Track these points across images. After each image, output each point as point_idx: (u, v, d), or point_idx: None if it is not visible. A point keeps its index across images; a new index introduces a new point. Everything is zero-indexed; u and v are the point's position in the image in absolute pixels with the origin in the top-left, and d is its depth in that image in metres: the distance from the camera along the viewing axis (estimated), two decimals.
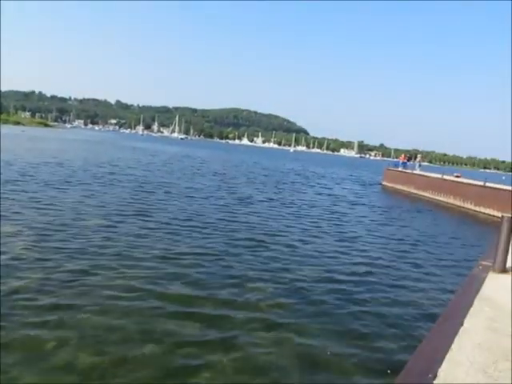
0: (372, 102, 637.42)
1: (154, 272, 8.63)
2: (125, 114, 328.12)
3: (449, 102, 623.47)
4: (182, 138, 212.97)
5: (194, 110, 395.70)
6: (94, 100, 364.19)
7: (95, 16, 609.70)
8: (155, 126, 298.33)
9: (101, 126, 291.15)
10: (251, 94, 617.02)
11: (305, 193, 27.37)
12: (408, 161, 43.03)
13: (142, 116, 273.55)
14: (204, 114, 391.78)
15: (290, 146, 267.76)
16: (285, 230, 14.37)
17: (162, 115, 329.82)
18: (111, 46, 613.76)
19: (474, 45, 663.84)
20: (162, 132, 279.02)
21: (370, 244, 13.64)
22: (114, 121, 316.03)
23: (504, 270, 5.29)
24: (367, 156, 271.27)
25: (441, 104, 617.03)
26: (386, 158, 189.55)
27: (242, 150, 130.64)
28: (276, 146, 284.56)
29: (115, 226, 12.22)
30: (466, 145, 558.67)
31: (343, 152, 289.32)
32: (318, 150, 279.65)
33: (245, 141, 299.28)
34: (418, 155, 43.84)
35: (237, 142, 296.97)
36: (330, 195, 27.69)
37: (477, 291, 4.39)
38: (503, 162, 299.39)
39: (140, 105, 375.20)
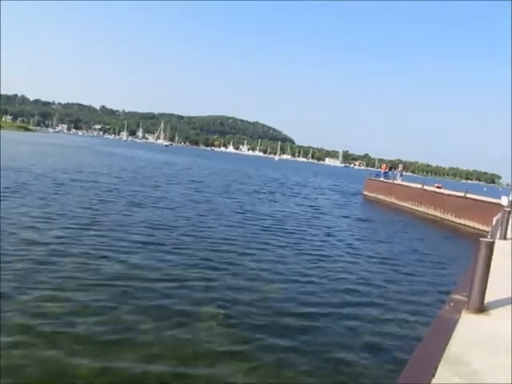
0: (357, 111, 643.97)
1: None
2: (110, 120, 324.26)
3: (433, 113, 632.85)
4: (166, 145, 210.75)
5: (180, 117, 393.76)
6: (78, 105, 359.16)
7: (81, 19, 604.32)
8: (140, 133, 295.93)
9: (84, 131, 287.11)
10: (237, 102, 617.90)
11: (284, 203, 26.09)
12: (389, 170, 42.33)
13: (126, 122, 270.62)
14: (190, 120, 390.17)
15: (275, 154, 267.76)
16: (254, 247, 12.97)
17: (147, 121, 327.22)
18: (97, 50, 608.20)
19: (460, 55, 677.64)
20: (147, 138, 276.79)
21: (337, 263, 12.46)
22: (98, 126, 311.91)
23: (481, 310, 4.10)
24: (352, 165, 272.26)
25: (425, 116, 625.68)
26: (370, 168, 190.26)
27: (226, 158, 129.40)
28: (261, 154, 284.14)
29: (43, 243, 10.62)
30: (448, 156, 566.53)
31: (328, 161, 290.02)
32: (303, 159, 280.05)
33: (230, 148, 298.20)
34: (399, 165, 43.03)
35: (222, 149, 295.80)
36: (310, 206, 26.48)
37: (443, 347, 3.19)
38: (485, 173, 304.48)
39: (126, 111, 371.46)
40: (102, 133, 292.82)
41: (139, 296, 7.75)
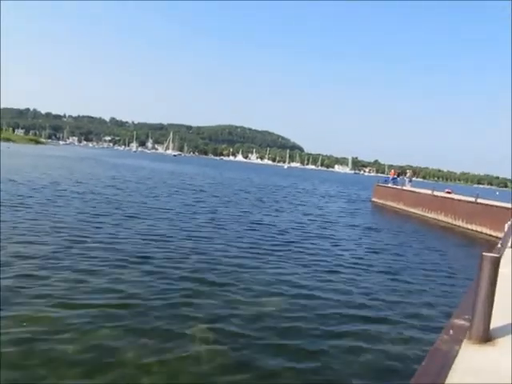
0: (365, 117, 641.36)
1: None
2: (119, 131, 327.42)
3: (443, 118, 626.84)
4: (175, 155, 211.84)
5: (189, 127, 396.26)
6: (88, 117, 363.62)
7: (90, 33, 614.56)
8: (149, 143, 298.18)
9: (95, 143, 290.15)
10: (246, 111, 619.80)
11: (289, 212, 25.20)
12: (398, 176, 41.40)
13: (135, 133, 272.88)
14: (199, 130, 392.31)
15: (284, 162, 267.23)
16: (254, 259, 12.26)
17: (156, 132, 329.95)
18: (106, 63, 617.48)
19: (468, 57, 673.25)
20: (156, 149, 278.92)
21: (341, 275, 11.76)
22: (108, 138, 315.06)
23: (485, 339, 3.40)
24: (361, 172, 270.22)
25: (435, 120, 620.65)
26: (379, 174, 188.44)
27: (234, 167, 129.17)
28: (270, 162, 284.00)
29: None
30: (460, 161, 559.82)
31: (337, 168, 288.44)
32: (313, 167, 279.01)
33: (239, 157, 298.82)
34: (408, 170, 41.99)
35: (231, 158, 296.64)
36: (317, 215, 25.35)
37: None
38: (497, 177, 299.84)
39: (135, 122, 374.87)
40: (112, 144, 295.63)
41: (122, 315, 7.19)
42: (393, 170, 44.13)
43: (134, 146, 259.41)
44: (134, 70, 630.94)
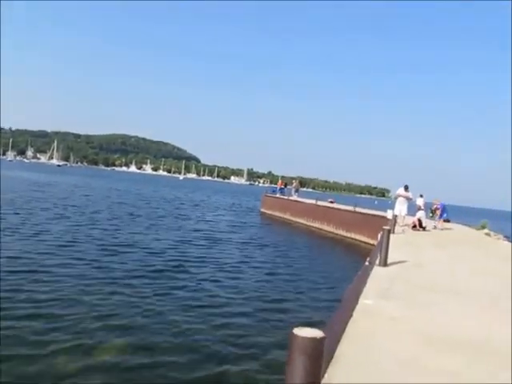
0: (261, 129, 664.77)
1: None
2: None
3: (330, 131, 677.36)
4: (59, 165, 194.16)
5: (77, 136, 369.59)
6: None
7: None
8: (30, 152, 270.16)
9: None
10: (140, 120, 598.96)
11: (169, 230, 22.19)
12: (285, 186, 41.86)
13: (11, 140, 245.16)
14: (88, 139, 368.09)
15: (180, 173, 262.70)
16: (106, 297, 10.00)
17: (38, 140, 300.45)
18: None
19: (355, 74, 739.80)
20: (38, 158, 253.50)
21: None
22: None
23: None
24: (256, 183, 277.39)
25: (323, 133, 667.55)
26: (273, 185, 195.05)
27: (126, 178, 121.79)
28: (166, 173, 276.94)
29: None
30: (344, 172, 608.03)
31: (233, 179, 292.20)
32: (209, 178, 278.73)
33: (133, 168, 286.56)
34: (294, 181, 42.67)
35: (124, 169, 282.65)
36: (202, 231, 22.91)
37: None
38: (375, 187, 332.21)
39: (13, 128, 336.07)
40: None
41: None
42: (280, 181, 44.63)
43: (9, 154, 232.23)
44: (11, 68, 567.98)
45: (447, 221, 20.26)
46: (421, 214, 18.12)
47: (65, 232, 17.32)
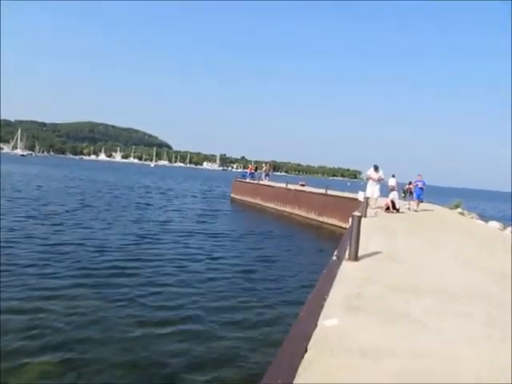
0: (233, 114, 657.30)
1: None
2: None
3: (303, 114, 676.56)
4: (23, 155, 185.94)
5: (43, 124, 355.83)
6: None
7: None
8: None
9: None
10: (108, 107, 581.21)
11: (129, 223, 19.78)
12: (256, 171, 40.46)
13: None
14: (54, 128, 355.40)
15: (151, 160, 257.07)
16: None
17: (2, 129, 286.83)
18: None
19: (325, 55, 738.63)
20: (1, 148, 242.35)
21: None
22: None
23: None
24: (229, 168, 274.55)
25: (296, 116, 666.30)
26: (246, 170, 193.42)
27: (94, 167, 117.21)
28: (136, 160, 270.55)
29: None
30: (317, 155, 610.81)
31: (206, 165, 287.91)
32: (181, 164, 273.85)
33: (102, 156, 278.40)
34: (264, 164, 41.13)
35: (93, 157, 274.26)
36: (163, 222, 20.95)
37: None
38: (347, 169, 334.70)
39: None
40: None
41: None
42: (250, 165, 43.22)
43: None
44: None
45: (421, 201, 19.43)
46: (394, 195, 17.16)
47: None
